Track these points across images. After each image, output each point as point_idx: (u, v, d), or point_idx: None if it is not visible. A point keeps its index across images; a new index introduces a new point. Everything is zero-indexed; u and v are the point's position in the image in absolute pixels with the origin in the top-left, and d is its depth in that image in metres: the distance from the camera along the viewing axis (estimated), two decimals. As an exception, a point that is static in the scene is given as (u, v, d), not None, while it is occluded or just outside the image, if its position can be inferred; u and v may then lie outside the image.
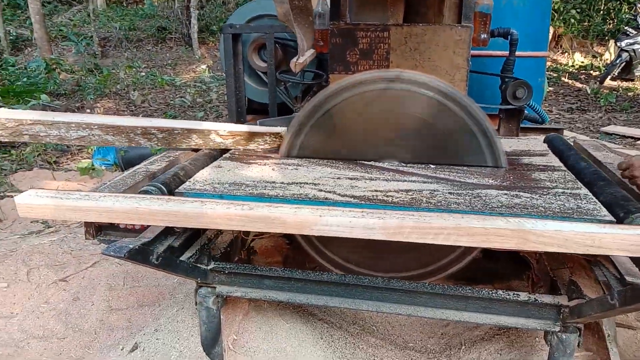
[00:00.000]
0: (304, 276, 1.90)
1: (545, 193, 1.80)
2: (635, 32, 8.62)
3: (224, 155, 2.19)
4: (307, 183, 1.85)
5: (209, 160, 2.11)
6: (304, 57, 2.17)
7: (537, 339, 2.20)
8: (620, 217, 1.64)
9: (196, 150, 2.22)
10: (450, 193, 1.80)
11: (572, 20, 11.75)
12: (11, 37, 11.18)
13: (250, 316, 2.23)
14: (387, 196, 1.76)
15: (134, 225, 1.85)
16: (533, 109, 3.26)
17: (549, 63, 10.77)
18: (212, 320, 2.01)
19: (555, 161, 2.17)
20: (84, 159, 5.54)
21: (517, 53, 3.46)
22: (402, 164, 2.09)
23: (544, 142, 2.54)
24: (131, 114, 7.96)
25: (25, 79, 8.09)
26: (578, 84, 8.92)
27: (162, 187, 1.78)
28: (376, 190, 1.81)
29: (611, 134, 6.11)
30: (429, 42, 2.46)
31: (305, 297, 1.92)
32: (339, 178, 1.92)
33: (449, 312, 1.86)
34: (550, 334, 1.81)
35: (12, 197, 4.21)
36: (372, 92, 2.05)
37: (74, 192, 1.70)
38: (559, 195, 1.78)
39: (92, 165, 5.18)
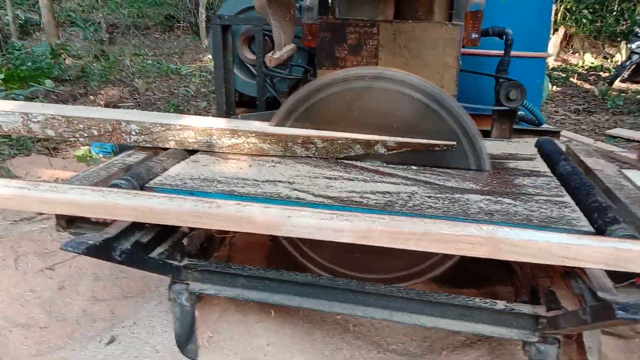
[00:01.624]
0: (277, 276, 1.87)
1: (527, 200, 1.75)
2: (647, 34, 8.47)
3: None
4: (282, 181, 1.81)
5: (188, 154, 2.07)
6: (281, 52, 2.12)
7: (518, 347, 2.15)
8: (601, 228, 1.59)
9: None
10: (428, 197, 1.75)
11: (584, 21, 11.59)
12: (20, 21, 11.18)
13: (227, 314, 2.19)
14: (363, 198, 1.72)
15: (105, 219, 1.81)
16: (529, 111, 3.20)
17: (557, 63, 10.65)
18: (186, 316, 1.99)
19: (542, 166, 2.11)
20: (82, 145, 5.53)
21: (515, 53, 3.39)
22: (384, 164, 2.05)
23: (535, 146, 2.48)
24: (134, 102, 7.94)
25: (30, 64, 8.08)
26: (587, 85, 8.78)
27: (133, 181, 1.75)
28: (352, 192, 1.76)
29: (616, 137, 6.01)
30: (418, 40, 2.40)
31: (279, 298, 1.89)
32: (316, 177, 1.88)
33: (424, 318, 1.82)
34: (528, 345, 1.77)
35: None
36: (352, 90, 2.01)
37: (43, 183, 1.67)
38: (541, 203, 1.73)
39: (90, 152, 5.16)
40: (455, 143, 2.01)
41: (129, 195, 1.58)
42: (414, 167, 2.02)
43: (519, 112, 3.49)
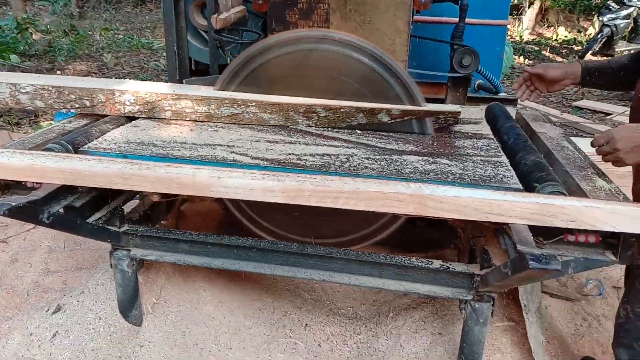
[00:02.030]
0: (217, 240, 1.86)
1: (464, 160, 1.77)
2: (618, 7, 8.49)
3: (144, 115, 2.12)
4: (220, 145, 1.80)
5: (129, 119, 2.04)
6: (228, 13, 2.08)
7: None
8: (530, 185, 1.61)
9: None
10: (367, 158, 1.75)
11: (559, -6, 11.61)
12: (-16, -5, 10.86)
13: (173, 280, 2.19)
14: (301, 160, 1.72)
15: (41, 183, 1.79)
16: (486, 78, 3.20)
17: (532, 37, 10.66)
18: (128, 283, 1.98)
19: (485, 130, 2.13)
20: (46, 120, 5.43)
21: (474, 21, 3.39)
22: (328, 128, 2.04)
23: (485, 111, 2.49)
24: (102, 76, 7.79)
25: (-7, 39, 7.87)
26: (559, 59, 8.84)
27: (67, 144, 1.72)
28: (291, 154, 1.76)
29: (583, 109, 6.07)
30: (369, 5, 2.37)
31: (220, 262, 1.89)
32: (257, 141, 1.87)
33: (363, 278, 1.84)
34: (464, 303, 1.80)
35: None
36: (297, 53, 1.99)
37: (-29, 147, 1.63)
38: (477, 163, 1.75)
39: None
40: (460, 110, 2.00)
41: (58, 158, 1.55)
42: (358, 131, 2.01)
43: (478, 81, 3.52)
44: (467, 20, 3.35)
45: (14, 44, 8.02)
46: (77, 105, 2.03)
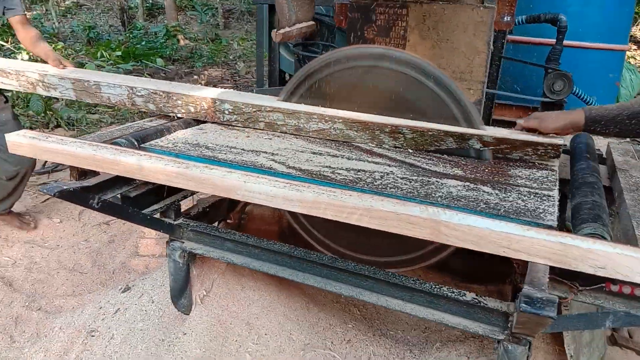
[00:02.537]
0: (256, 243, 1.94)
1: (509, 190, 1.65)
2: None
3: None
4: (266, 152, 1.87)
5: (199, 123, 2.20)
6: (291, 28, 2.16)
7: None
8: (573, 225, 1.47)
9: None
10: (402, 178, 1.71)
11: None
12: (147, 5, 12.23)
13: (225, 277, 2.31)
14: (334, 173, 1.72)
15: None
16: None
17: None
18: (179, 273, 2.13)
19: (554, 161, 1.95)
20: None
21: (585, 44, 3.15)
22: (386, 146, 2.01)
23: (570, 141, 2.29)
24: (234, 83, 8.38)
25: (143, 43, 8.83)
26: None
27: (134, 140, 1.90)
28: (328, 167, 1.77)
29: None
30: (447, 22, 2.31)
31: (259, 264, 1.96)
32: (302, 151, 1.91)
33: (393, 300, 1.79)
34: (497, 343, 1.68)
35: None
36: (356, 69, 2.01)
37: (54, 135, 1.88)
38: (522, 194, 1.62)
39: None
40: (562, 143, 1.86)
41: (115, 151, 1.73)
42: (410, 150, 1.97)
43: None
44: (578, 43, 3.13)
45: (162, 49, 8.93)
46: (183, 111, 2.18)
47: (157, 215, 2.04)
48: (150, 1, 12.43)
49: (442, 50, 2.36)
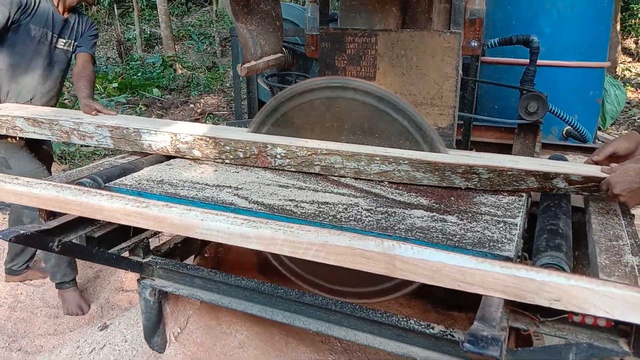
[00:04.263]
0: (224, 279, 1.91)
1: (476, 219, 1.63)
2: None
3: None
4: (229, 187, 1.86)
5: (168, 158, 2.20)
6: (257, 62, 2.16)
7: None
8: (532, 256, 1.45)
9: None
10: (367, 209, 1.70)
11: None
12: (145, 35, 12.40)
13: (200, 313, 2.28)
14: (297, 207, 1.71)
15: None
16: (572, 126, 2.92)
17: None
18: (151, 311, 2.10)
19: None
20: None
21: (565, 63, 3.14)
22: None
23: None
24: (230, 110, 8.44)
25: (140, 74, 8.93)
26: None
27: (99, 179, 1.90)
28: (291, 200, 1.76)
29: None
30: (416, 49, 2.31)
31: (228, 301, 1.93)
32: (268, 185, 1.90)
33: (361, 334, 1.75)
34: (467, 376, 1.63)
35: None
36: (319, 100, 2.02)
37: (22, 178, 1.88)
38: (487, 222, 1.60)
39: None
40: None
41: (77, 192, 1.73)
42: (376, 179, 1.95)
43: (567, 128, 3.22)
44: (556, 62, 3.13)
45: (159, 79, 9.03)
46: (231, 157, 2.07)
47: (126, 254, 2.03)
48: (148, 32, 12.60)
49: (412, 77, 2.36)
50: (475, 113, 2.96)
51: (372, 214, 1.66)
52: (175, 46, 11.22)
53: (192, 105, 8.41)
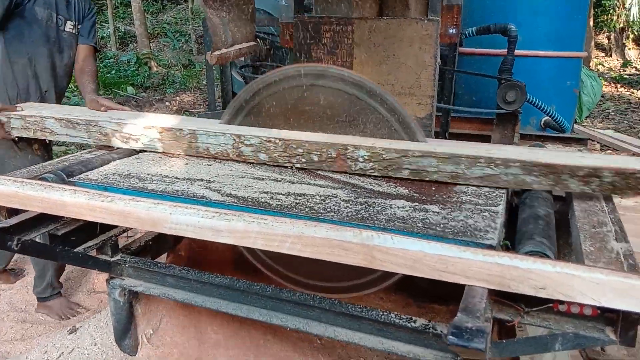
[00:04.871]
0: (197, 277, 1.83)
1: (458, 208, 1.57)
2: None
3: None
4: (201, 180, 1.78)
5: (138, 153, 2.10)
6: (228, 49, 2.08)
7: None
8: (515, 244, 1.41)
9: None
10: (346, 200, 1.63)
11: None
12: (119, 33, 12.16)
13: (174, 313, 2.19)
14: (272, 199, 1.64)
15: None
16: (550, 116, 2.90)
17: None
18: (121, 312, 2.01)
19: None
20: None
21: (539, 53, 3.12)
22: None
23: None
24: (207, 108, 8.31)
25: (114, 72, 8.75)
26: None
27: (63, 174, 1.80)
28: (267, 192, 1.69)
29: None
30: (393, 38, 2.26)
31: (201, 299, 1.85)
32: (242, 177, 1.82)
33: (340, 330, 1.69)
34: (451, 370, 1.58)
35: None
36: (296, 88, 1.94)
37: (-21, 174, 1.77)
38: (470, 212, 1.54)
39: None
40: None
41: (38, 187, 1.63)
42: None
43: (545, 118, 3.20)
44: (533, 52, 3.10)
45: (133, 76, 8.86)
46: (303, 160, 1.86)
47: (93, 253, 1.93)
48: (123, 30, 12.37)
49: (389, 66, 2.30)
50: (453, 104, 2.92)
51: (351, 204, 1.59)
52: (151, 44, 11.02)
53: (167, 103, 8.27)
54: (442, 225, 1.43)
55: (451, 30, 2.23)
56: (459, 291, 1.33)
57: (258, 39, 2.92)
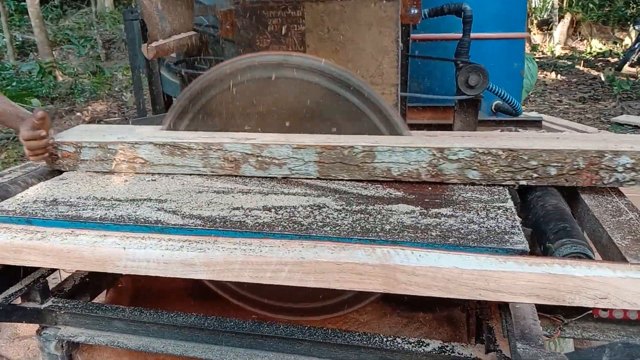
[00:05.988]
0: (154, 319, 1.50)
1: (465, 208, 1.36)
2: (656, 14, 7.95)
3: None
4: (150, 200, 1.45)
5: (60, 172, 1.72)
6: (166, 40, 1.76)
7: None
8: (546, 247, 1.21)
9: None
10: (338, 210, 1.37)
11: (591, 6, 11.07)
12: (17, 42, 11.08)
13: None
14: (247, 216, 1.34)
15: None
16: (503, 99, 2.79)
17: (565, 51, 10.13)
18: (58, 369, 1.63)
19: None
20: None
21: (486, 35, 3.02)
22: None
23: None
24: (122, 116, 7.72)
25: (15, 83, 7.94)
26: (594, 72, 8.27)
27: (-35, 208, 1.40)
28: (238, 208, 1.39)
29: (623, 125, 5.53)
30: (349, 21, 2.02)
31: (161, 344, 1.52)
32: (201, 192, 1.51)
33: (338, 363, 1.43)
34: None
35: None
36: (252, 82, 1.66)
37: None
38: (482, 211, 1.33)
39: None
40: None
41: None
42: (332, 175, 1.62)
43: (495, 102, 3.11)
44: (477, 34, 2.98)
45: (37, 87, 8.07)
46: (534, 175, 1.44)
47: (18, 301, 1.54)
48: (20, 39, 11.30)
49: (347, 52, 2.06)
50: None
51: (346, 215, 1.33)
52: (53, 52, 10.12)
53: (78, 114, 7.59)
54: (461, 232, 1.21)
55: (413, 11, 2.02)
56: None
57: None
